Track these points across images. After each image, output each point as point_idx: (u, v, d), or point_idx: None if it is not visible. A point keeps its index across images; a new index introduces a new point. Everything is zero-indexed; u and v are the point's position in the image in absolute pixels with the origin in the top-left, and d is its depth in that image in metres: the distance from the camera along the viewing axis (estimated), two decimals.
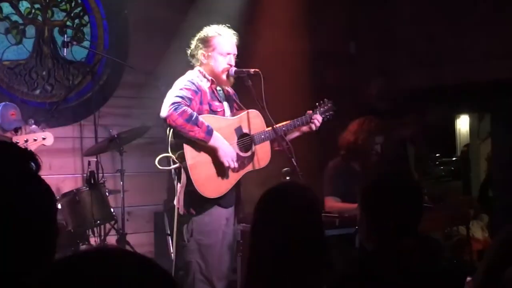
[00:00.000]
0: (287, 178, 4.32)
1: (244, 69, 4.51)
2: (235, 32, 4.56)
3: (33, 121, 4.50)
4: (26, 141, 4.15)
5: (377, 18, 7.05)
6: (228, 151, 4.39)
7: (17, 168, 1.44)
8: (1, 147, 1.48)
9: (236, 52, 4.53)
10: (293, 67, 6.49)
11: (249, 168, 4.57)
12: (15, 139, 4.14)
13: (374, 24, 7.05)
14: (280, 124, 4.60)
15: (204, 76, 4.48)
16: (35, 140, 4.19)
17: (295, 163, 4.41)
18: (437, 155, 7.15)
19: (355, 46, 7.18)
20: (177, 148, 4.35)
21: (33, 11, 6.00)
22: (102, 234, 5.55)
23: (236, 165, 4.43)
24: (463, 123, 7.51)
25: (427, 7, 6.85)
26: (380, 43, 7.06)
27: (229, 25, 4.60)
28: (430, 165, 7.17)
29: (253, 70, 4.49)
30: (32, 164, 1.46)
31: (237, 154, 4.46)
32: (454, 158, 7.31)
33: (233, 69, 4.49)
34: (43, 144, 4.33)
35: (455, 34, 6.61)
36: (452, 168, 7.04)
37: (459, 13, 6.57)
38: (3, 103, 5.02)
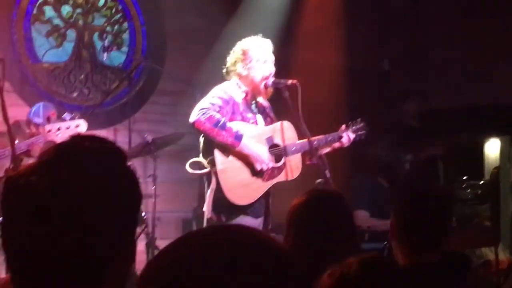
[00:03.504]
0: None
1: (281, 80, 4.48)
2: (269, 41, 4.54)
3: (68, 115, 4.44)
4: (59, 129, 4.08)
5: (410, 37, 7.04)
6: (261, 153, 4.37)
7: (116, 160, 1.43)
8: (97, 142, 1.45)
9: (273, 59, 4.51)
10: (328, 82, 6.49)
11: (279, 178, 4.52)
12: (47, 127, 4.11)
13: (407, 43, 7.05)
14: (314, 138, 4.56)
15: (240, 88, 4.47)
16: (68, 128, 4.12)
17: (328, 176, 4.38)
18: (464, 178, 7.04)
19: (388, 63, 7.16)
20: (208, 153, 4.34)
21: (74, 15, 6.05)
22: None
23: (269, 166, 4.40)
24: (492, 147, 7.39)
25: (459, 28, 6.84)
26: (412, 62, 7.05)
27: (263, 36, 4.59)
28: (457, 188, 7.09)
29: (290, 81, 4.46)
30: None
31: (270, 157, 4.43)
32: (482, 182, 7.17)
33: (271, 79, 4.46)
34: (78, 132, 4.21)
35: (488, 55, 6.59)
36: (480, 192, 6.92)
37: (492, 35, 6.56)
38: (42, 102, 5.04)
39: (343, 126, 4.79)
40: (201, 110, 4.24)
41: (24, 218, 1.35)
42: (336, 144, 4.75)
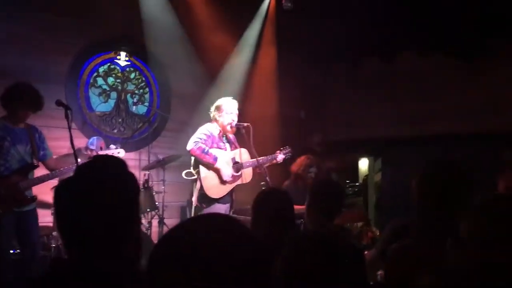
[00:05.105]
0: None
1: (240, 123, 4.55)
2: (236, 101, 4.58)
3: (113, 146, 4.40)
4: (106, 154, 3.94)
5: (317, 91, 7.02)
6: (226, 172, 4.39)
7: (124, 170, 1.37)
8: (114, 160, 1.44)
9: (237, 112, 4.54)
10: (268, 123, 6.45)
11: (238, 182, 4.58)
12: (100, 152, 4.07)
13: (316, 95, 7.07)
14: (260, 158, 4.61)
15: (216, 127, 4.51)
16: (112, 153, 4.03)
17: (268, 180, 4.45)
18: (347, 181, 7.17)
19: (304, 113, 7.11)
20: (196, 166, 4.42)
21: (115, 83, 5.99)
22: (150, 217, 5.44)
23: (230, 179, 4.43)
24: (363, 163, 7.38)
25: (342, 95, 6.84)
26: (319, 108, 7.08)
27: (233, 97, 4.63)
28: (343, 187, 7.17)
29: (246, 124, 4.52)
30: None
31: (232, 173, 4.45)
32: (357, 183, 7.30)
33: (234, 122, 4.53)
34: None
35: (364, 105, 6.64)
36: (356, 190, 7.01)
37: (369, 90, 6.56)
38: (96, 136, 5.06)
39: (278, 150, 4.84)
40: (194, 142, 4.30)
41: (69, 205, 1.27)
42: (274, 161, 4.78)
